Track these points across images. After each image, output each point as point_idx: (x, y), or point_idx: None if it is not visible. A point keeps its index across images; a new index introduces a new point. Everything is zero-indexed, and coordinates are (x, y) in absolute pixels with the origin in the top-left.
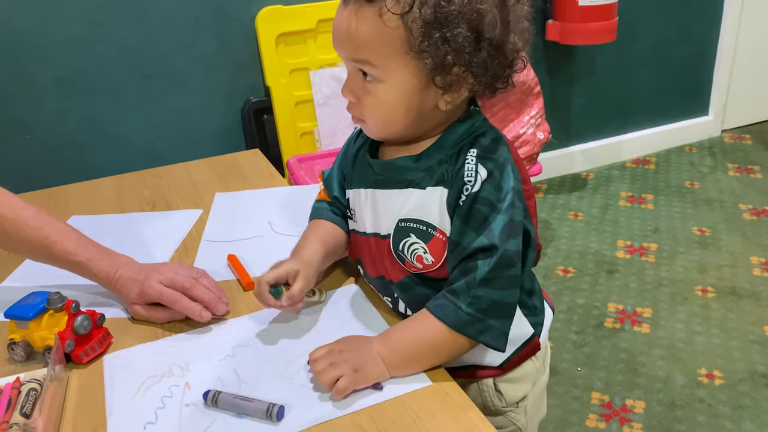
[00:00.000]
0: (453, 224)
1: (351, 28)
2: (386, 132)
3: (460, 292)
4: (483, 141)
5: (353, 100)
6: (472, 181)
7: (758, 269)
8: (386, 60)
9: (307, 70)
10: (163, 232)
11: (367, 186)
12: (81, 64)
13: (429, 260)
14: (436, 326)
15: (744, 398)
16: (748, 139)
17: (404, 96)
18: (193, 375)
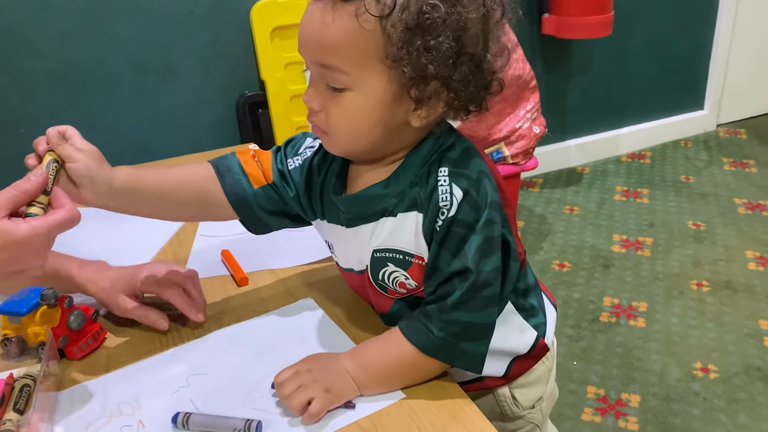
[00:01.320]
0: (431, 249)
1: (321, 29)
2: (350, 147)
3: (432, 315)
4: (451, 155)
5: (316, 108)
6: (448, 205)
7: (753, 263)
8: (358, 67)
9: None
10: (155, 227)
11: (339, 223)
12: (74, 58)
13: (412, 285)
14: (407, 348)
15: (739, 392)
16: (743, 133)
17: (374, 107)
18: (146, 412)
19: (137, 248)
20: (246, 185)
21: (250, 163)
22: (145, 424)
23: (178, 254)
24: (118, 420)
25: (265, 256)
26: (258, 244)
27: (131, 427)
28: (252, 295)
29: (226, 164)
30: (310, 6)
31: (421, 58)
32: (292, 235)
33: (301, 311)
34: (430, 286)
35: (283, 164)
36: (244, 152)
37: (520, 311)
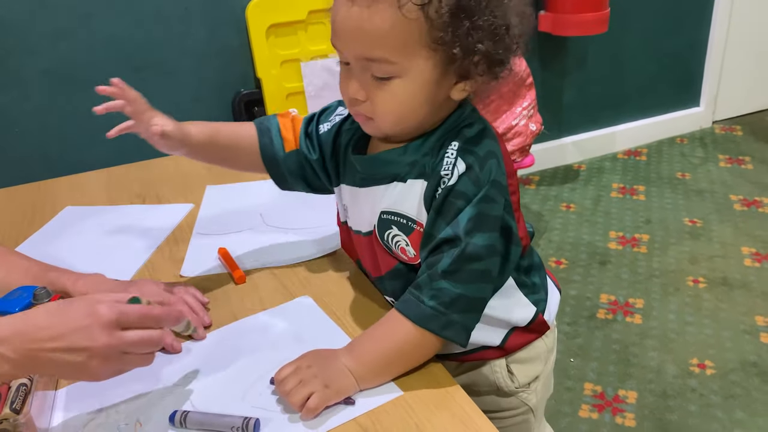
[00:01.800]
0: (428, 216)
1: (363, 24)
2: (398, 128)
3: (423, 285)
4: (467, 132)
5: (362, 99)
6: (449, 175)
7: (749, 259)
8: (404, 55)
9: (298, 61)
10: (152, 225)
11: (354, 184)
12: (69, 56)
13: (411, 253)
14: (401, 326)
15: (735, 388)
16: (739, 130)
17: (421, 89)
18: (144, 410)
19: (135, 248)
20: (278, 148)
21: (287, 127)
22: (143, 422)
23: (174, 253)
24: (115, 418)
25: (262, 255)
26: (255, 242)
27: (129, 426)
28: (249, 293)
29: (266, 125)
30: (346, 2)
31: (469, 38)
32: (289, 233)
33: (298, 309)
34: (423, 254)
35: (312, 129)
36: (284, 115)
37: (521, 287)
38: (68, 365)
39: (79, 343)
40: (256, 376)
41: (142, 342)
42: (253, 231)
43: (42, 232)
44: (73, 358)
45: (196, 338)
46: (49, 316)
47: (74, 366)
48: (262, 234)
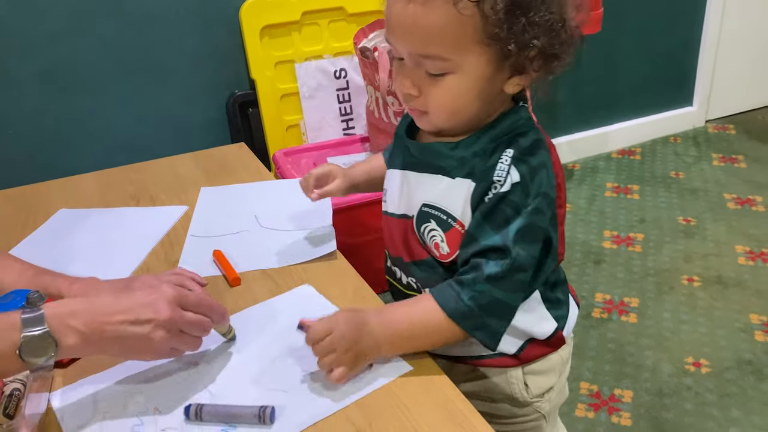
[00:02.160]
0: (473, 218)
1: (418, 21)
2: (452, 122)
3: (465, 283)
4: (523, 142)
5: (415, 94)
6: (502, 181)
7: (743, 258)
8: (459, 51)
9: (292, 62)
10: (146, 227)
11: (402, 167)
12: (62, 59)
13: (445, 250)
14: (434, 311)
15: (730, 386)
16: (732, 129)
17: (474, 84)
18: (160, 398)
19: (128, 250)
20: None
21: None
22: (159, 409)
23: (169, 255)
24: (133, 408)
25: (257, 256)
26: (250, 244)
27: (146, 412)
28: (244, 295)
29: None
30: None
31: (524, 35)
32: (284, 234)
33: (300, 297)
34: (465, 255)
35: None
36: None
37: (545, 302)
38: (133, 338)
39: (145, 314)
40: (267, 361)
41: (198, 323)
42: (248, 233)
43: (36, 235)
44: (138, 329)
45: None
46: (116, 295)
47: (138, 339)
48: (257, 236)
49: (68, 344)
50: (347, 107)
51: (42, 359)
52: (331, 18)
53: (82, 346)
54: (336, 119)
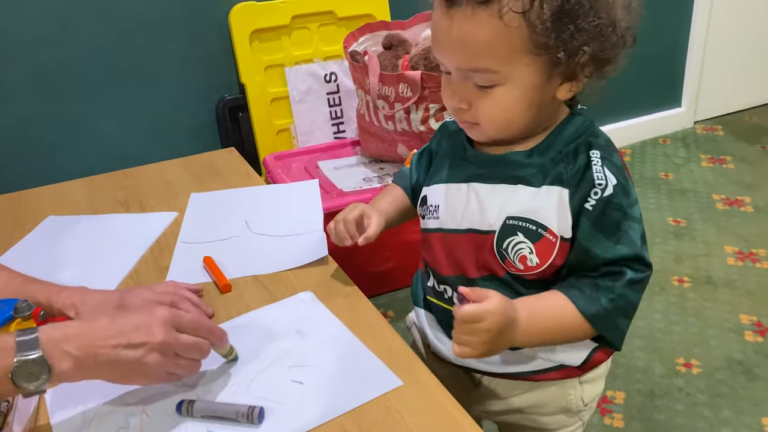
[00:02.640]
0: (581, 227)
1: (465, 36)
2: (505, 133)
3: (604, 289)
4: (599, 142)
5: (465, 107)
6: (603, 185)
7: (732, 258)
8: (507, 63)
9: (282, 66)
10: (136, 234)
11: (463, 180)
12: (50, 64)
13: (534, 262)
14: (572, 313)
15: (721, 386)
16: (720, 130)
17: (525, 94)
18: (150, 401)
19: (117, 258)
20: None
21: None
22: (149, 413)
23: (159, 262)
24: (121, 410)
25: (248, 262)
26: (240, 250)
27: (135, 417)
28: (235, 301)
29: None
30: (444, 14)
31: (573, 42)
32: (274, 240)
33: (299, 304)
34: (577, 263)
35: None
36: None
37: None
38: (126, 362)
39: (138, 338)
40: (260, 367)
41: (195, 346)
42: (239, 239)
43: (23, 242)
44: (132, 353)
45: None
46: (110, 319)
47: (132, 363)
48: (247, 242)
49: (62, 369)
50: (338, 111)
51: (34, 384)
52: (321, 22)
53: (75, 371)
54: (326, 123)
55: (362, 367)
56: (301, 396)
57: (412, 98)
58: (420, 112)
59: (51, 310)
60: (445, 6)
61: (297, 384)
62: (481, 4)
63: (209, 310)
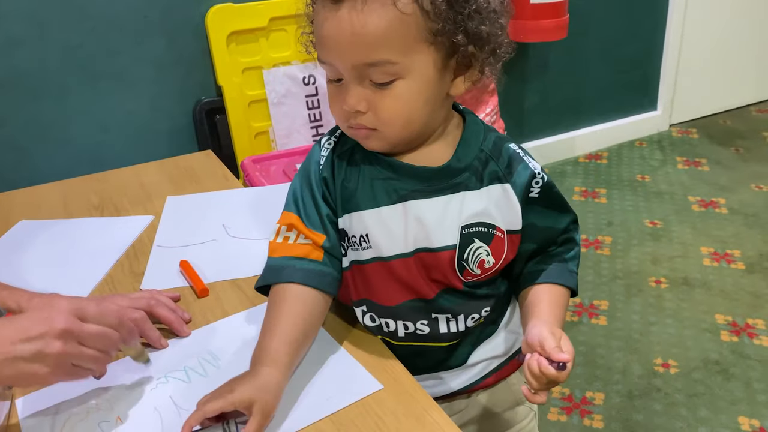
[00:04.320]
0: (533, 213)
1: (358, 28)
2: (401, 136)
3: (570, 259)
4: (499, 135)
5: (363, 110)
6: (539, 173)
7: (708, 259)
8: (405, 53)
9: (260, 68)
10: (110, 238)
11: (395, 201)
12: (22, 65)
13: (490, 262)
14: (565, 294)
15: (698, 386)
16: (695, 133)
17: (426, 87)
18: (124, 407)
19: (93, 262)
20: (315, 266)
21: (294, 248)
22: (123, 419)
23: (134, 266)
24: (95, 415)
25: (225, 266)
26: (217, 253)
27: (109, 423)
28: (212, 306)
29: (288, 272)
30: (331, 10)
31: (469, 23)
32: (252, 243)
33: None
34: (544, 241)
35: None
36: (277, 247)
37: None
38: (25, 357)
39: (37, 329)
40: (237, 372)
41: (101, 335)
42: (216, 242)
43: None
44: (30, 346)
45: (181, 335)
46: (10, 320)
47: (32, 357)
48: (225, 245)
49: None
50: (317, 114)
51: None
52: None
53: None
54: (305, 126)
55: (342, 371)
56: (282, 400)
57: None
58: None
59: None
60: (331, 3)
61: None
62: None
63: (186, 315)
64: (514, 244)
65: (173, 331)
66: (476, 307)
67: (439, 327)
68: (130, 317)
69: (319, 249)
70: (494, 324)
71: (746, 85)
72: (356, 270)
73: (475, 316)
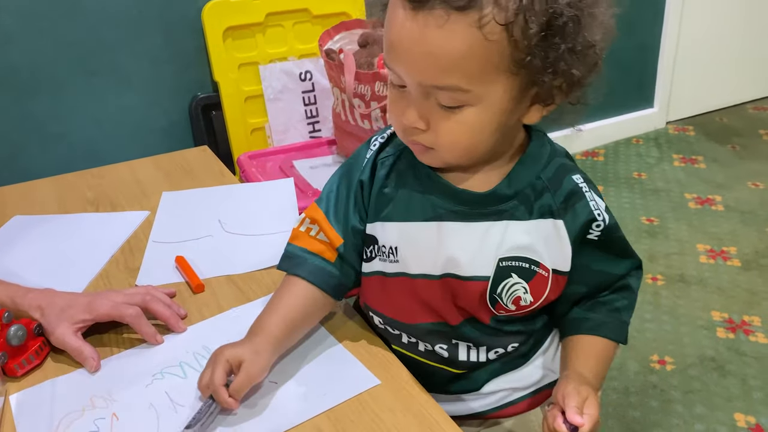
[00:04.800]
0: (589, 255)
1: (435, 47)
2: (463, 159)
3: (623, 309)
4: (570, 163)
5: (423, 128)
6: (600, 215)
7: (704, 256)
8: (480, 82)
9: (256, 64)
10: (106, 234)
11: (430, 218)
12: (16, 61)
13: (527, 301)
14: (611, 347)
15: (694, 382)
16: (692, 130)
17: (496, 118)
18: (120, 404)
19: (88, 258)
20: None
21: (312, 242)
22: (119, 416)
23: (129, 262)
24: (91, 413)
25: (221, 262)
26: (213, 250)
27: (105, 420)
28: (208, 301)
29: (299, 266)
30: (409, 18)
31: (560, 64)
32: (248, 239)
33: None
34: (594, 287)
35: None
36: (298, 235)
37: None
38: None
39: None
40: None
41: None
42: (212, 238)
43: None
44: None
45: (176, 331)
46: None
47: None
48: (221, 241)
49: None
50: (313, 110)
51: None
52: (296, 20)
53: None
54: (302, 122)
55: (339, 366)
56: (277, 396)
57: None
58: None
59: (16, 312)
60: (411, 8)
61: (272, 384)
62: (458, 10)
63: (182, 311)
64: (559, 285)
65: (169, 327)
66: (502, 342)
67: (458, 353)
68: (124, 313)
69: (334, 250)
70: (523, 358)
71: (743, 83)
72: (380, 281)
73: (499, 350)
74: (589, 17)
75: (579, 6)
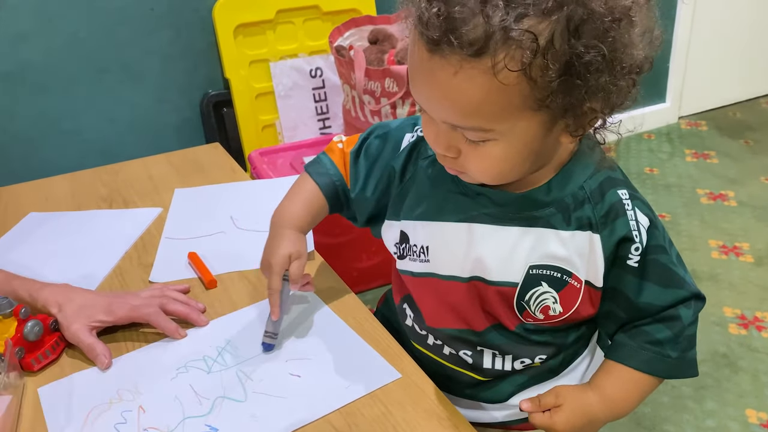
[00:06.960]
0: (627, 283)
1: (449, 93)
2: (497, 182)
3: (666, 342)
4: (618, 176)
5: (452, 155)
6: (637, 233)
7: (716, 252)
8: (502, 121)
9: (267, 61)
10: (119, 230)
11: (462, 219)
12: (30, 59)
13: (556, 311)
14: (647, 380)
15: (706, 378)
16: (704, 125)
17: (524, 148)
18: (146, 397)
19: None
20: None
21: (339, 155)
22: (146, 408)
23: (143, 258)
24: (118, 405)
25: (234, 258)
26: (226, 245)
27: (132, 412)
28: (221, 297)
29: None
30: (425, 59)
31: (586, 104)
32: (260, 235)
33: (297, 301)
34: (648, 317)
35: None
36: (334, 148)
37: None
38: None
39: None
40: (253, 364)
41: None
42: (224, 234)
43: (5, 239)
44: None
45: (198, 325)
46: None
47: None
48: (233, 237)
49: None
50: (323, 106)
51: None
52: (306, 16)
53: None
54: (312, 118)
55: (360, 360)
56: (302, 388)
57: (398, 93)
58: (406, 107)
59: (33, 307)
60: (426, 50)
61: (295, 377)
62: (470, 58)
63: (200, 305)
64: (592, 299)
65: (190, 322)
66: (529, 352)
67: (483, 360)
68: (143, 313)
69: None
70: (551, 372)
71: (756, 77)
72: (410, 281)
73: (526, 360)
74: (622, 45)
75: (607, 37)
